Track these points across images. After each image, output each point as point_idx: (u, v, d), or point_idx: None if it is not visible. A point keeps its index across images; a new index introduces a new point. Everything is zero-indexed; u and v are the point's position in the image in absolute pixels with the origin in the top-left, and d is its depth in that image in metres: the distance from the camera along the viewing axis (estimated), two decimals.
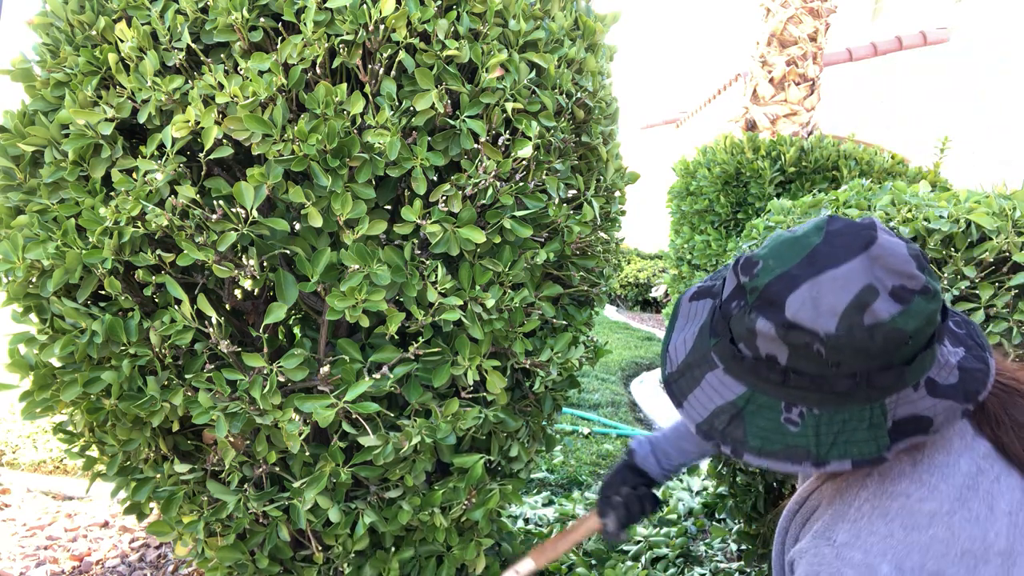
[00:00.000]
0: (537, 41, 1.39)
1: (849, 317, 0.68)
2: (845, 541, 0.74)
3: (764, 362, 0.74)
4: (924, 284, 0.70)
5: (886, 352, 0.69)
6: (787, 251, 0.73)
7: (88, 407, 1.29)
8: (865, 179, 2.02)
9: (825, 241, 0.72)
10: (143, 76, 1.23)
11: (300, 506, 1.31)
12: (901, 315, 0.68)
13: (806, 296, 0.70)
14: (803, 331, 0.69)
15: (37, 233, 1.22)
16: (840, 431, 0.72)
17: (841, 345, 0.68)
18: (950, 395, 0.73)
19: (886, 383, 0.71)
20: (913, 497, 0.74)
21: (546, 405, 1.59)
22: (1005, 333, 1.49)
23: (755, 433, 0.75)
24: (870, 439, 0.72)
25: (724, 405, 0.77)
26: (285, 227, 1.20)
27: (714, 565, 2.17)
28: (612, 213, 1.65)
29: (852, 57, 9.21)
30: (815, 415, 0.73)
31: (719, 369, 0.79)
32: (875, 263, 0.70)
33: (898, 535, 0.72)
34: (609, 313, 9.35)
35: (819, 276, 0.70)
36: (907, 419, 0.72)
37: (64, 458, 2.80)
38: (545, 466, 3.07)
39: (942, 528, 0.72)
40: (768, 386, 0.74)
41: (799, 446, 0.73)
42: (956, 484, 0.75)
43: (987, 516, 0.73)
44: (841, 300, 0.68)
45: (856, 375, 0.70)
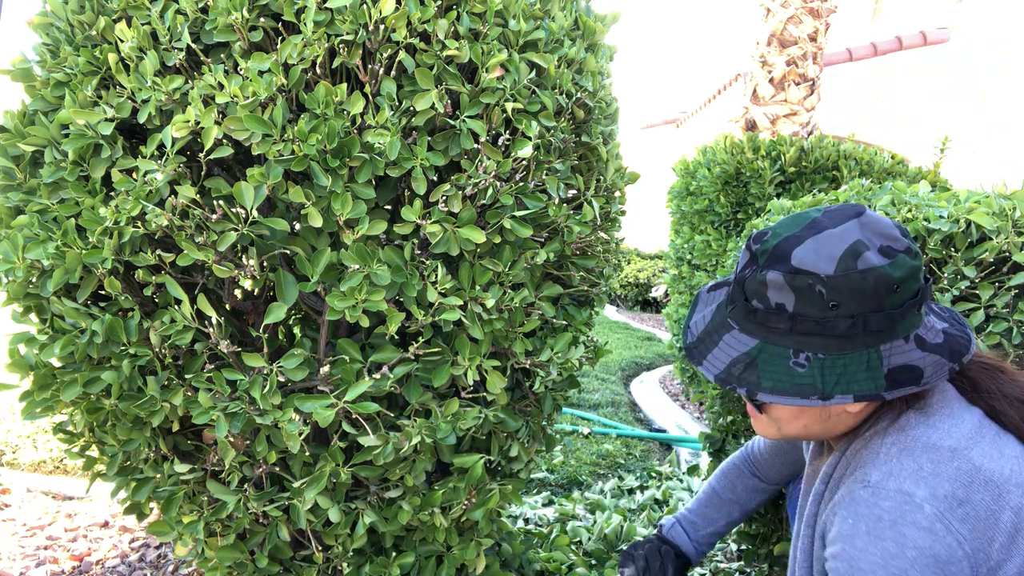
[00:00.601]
0: (537, 41, 1.39)
1: (845, 261, 0.81)
2: (878, 479, 0.82)
3: (774, 312, 0.85)
4: (907, 246, 0.83)
5: (877, 294, 0.81)
6: (792, 221, 0.88)
7: (88, 407, 1.29)
8: (865, 179, 2.02)
9: (824, 214, 0.87)
10: (143, 76, 1.23)
11: (300, 506, 1.31)
12: (889, 265, 0.81)
13: (809, 247, 0.83)
14: (806, 274, 0.82)
15: (37, 233, 1.22)
16: (842, 373, 0.83)
17: (839, 285, 0.81)
18: (937, 351, 0.84)
19: (879, 327, 0.82)
20: (933, 437, 0.84)
21: (546, 405, 1.59)
22: (1005, 333, 1.49)
23: (767, 375, 0.85)
24: (868, 379, 0.82)
25: (739, 356, 0.88)
26: (285, 227, 1.20)
27: (714, 565, 2.17)
28: (612, 213, 1.65)
29: (852, 57, 9.21)
30: (820, 359, 0.84)
31: (735, 330, 0.90)
32: (865, 227, 0.84)
33: (927, 468, 0.81)
34: (609, 313, 9.35)
35: (819, 234, 0.84)
36: (901, 368, 0.83)
37: (64, 458, 2.80)
38: (545, 466, 3.07)
39: (964, 461, 0.81)
40: (777, 336, 0.86)
41: (807, 384, 0.84)
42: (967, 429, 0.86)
43: (998, 456, 0.83)
44: (838, 249, 0.82)
45: (853, 316, 0.81)
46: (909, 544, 0.76)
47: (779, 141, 3.87)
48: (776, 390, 0.85)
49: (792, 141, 3.85)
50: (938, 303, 0.96)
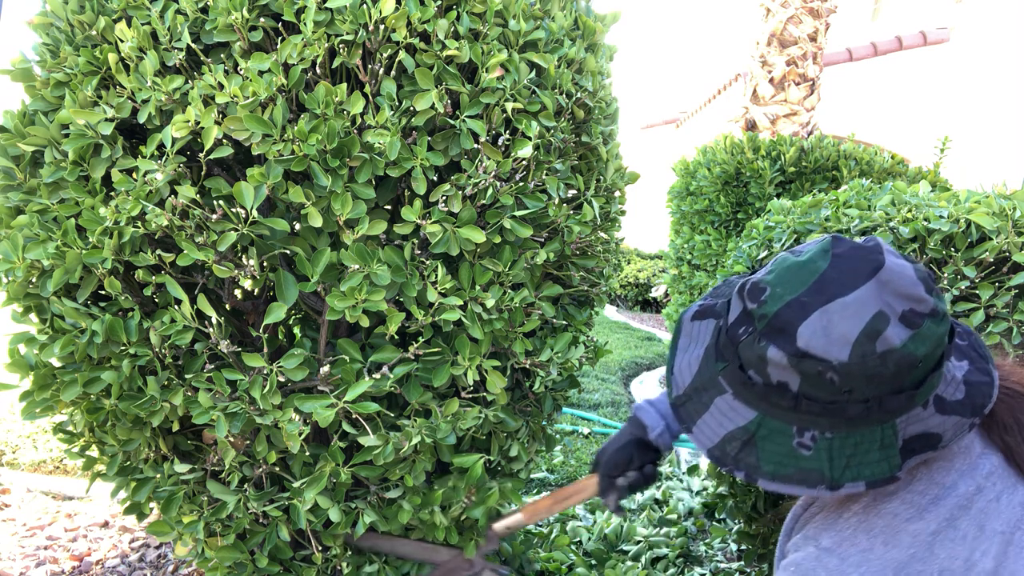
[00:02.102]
0: (537, 41, 1.39)
1: (861, 345, 0.68)
2: (828, 547, 0.76)
3: (775, 388, 0.73)
4: (933, 307, 0.70)
5: (898, 377, 0.69)
6: (794, 277, 0.73)
7: (88, 407, 1.29)
8: (865, 179, 2.02)
9: (832, 266, 0.72)
10: (143, 76, 1.23)
11: (300, 506, 1.31)
12: (912, 340, 0.68)
13: (817, 325, 0.69)
14: (816, 360, 0.69)
15: (37, 233, 1.22)
16: (853, 454, 0.72)
17: (854, 373, 0.68)
18: (958, 411, 0.74)
19: (897, 406, 0.71)
20: (900, 517, 0.75)
21: (546, 405, 1.59)
22: (1005, 333, 1.49)
23: (768, 458, 0.75)
24: (882, 459, 0.72)
25: (735, 431, 0.77)
26: (285, 227, 1.20)
27: (714, 565, 2.17)
28: (612, 213, 1.65)
29: (852, 57, 9.21)
30: (827, 439, 0.73)
31: (728, 394, 0.78)
32: (884, 288, 0.69)
33: (878, 551, 0.73)
34: (609, 313, 9.35)
35: (829, 304, 0.69)
36: (917, 436, 0.73)
37: (64, 458, 2.80)
38: (545, 466, 3.07)
39: (922, 548, 0.73)
40: (779, 411, 0.74)
41: (813, 470, 0.73)
42: (948, 505, 0.75)
43: (975, 536, 0.73)
44: (853, 328, 0.68)
45: (868, 400, 0.70)
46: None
47: (779, 141, 3.87)
48: (779, 476, 0.75)
49: (792, 141, 3.85)
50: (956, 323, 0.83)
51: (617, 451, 1.23)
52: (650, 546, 2.22)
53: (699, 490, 2.78)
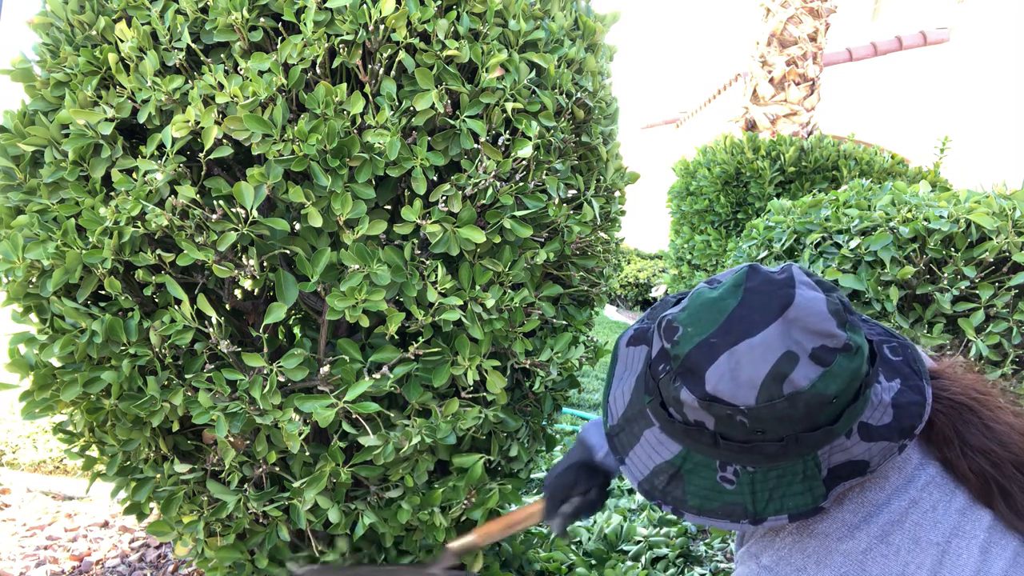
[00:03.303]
0: (537, 41, 1.39)
1: (768, 388, 0.67)
2: (767, 564, 0.76)
3: (694, 427, 0.73)
4: (845, 342, 0.68)
5: (810, 416, 0.68)
6: (705, 315, 0.72)
7: (88, 407, 1.29)
8: (865, 179, 2.02)
9: (742, 303, 0.71)
10: (143, 76, 1.23)
11: (300, 506, 1.31)
12: (822, 379, 0.67)
13: (724, 368, 0.68)
14: (724, 404, 0.68)
15: (37, 233, 1.22)
16: (775, 486, 0.72)
17: (763, 416, 0.68)
18: (885, 435, 0.73)
19: (815, 441, 0.70)
20: (831, 537, 0.75)
21: (546, 405, 1.59)
22: (1005, 333, 1.49)
23: (694, 492, 0.75)
24: (805, 491, 0.72)
25: (663, 464, 0.77)
26: (285, 227, 1.20)
27: (714, 565, 2.17)
28: (612, 213, 1.65)
29: (852, 57, 9.21)
30: (749, 472, 0.73)
31: (655, 427, 0.78)
32: (792, 326, 0.68)
33: (811, 570, 0.73)
34: (609, 313, 9.35)
35: (736, 346, 0.69)
36: (843, 465, 0.72)
37: (64, 458, 2.80)
38: (545, 466, 3.07)
39: (854, 567, 0.72)
40: (702, 447, 0.74)
41: (736, 504, 0.73)
42: (880, 522, 0.75)
43: (910, 549, 0.73)
44: (759, 371, 0.67)
45: (783, 439, 0.70)
46: None
47: (779, 141, 3.87)
48: (704, 511, 0.75)
49: (792, 141, 3.85)
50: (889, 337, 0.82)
51: (561, 474, 1.16)
52: (650, 546, 2.22)
53: None
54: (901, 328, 1.53)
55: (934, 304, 1.51)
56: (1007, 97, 8.72)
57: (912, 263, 1.52)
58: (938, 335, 1.48)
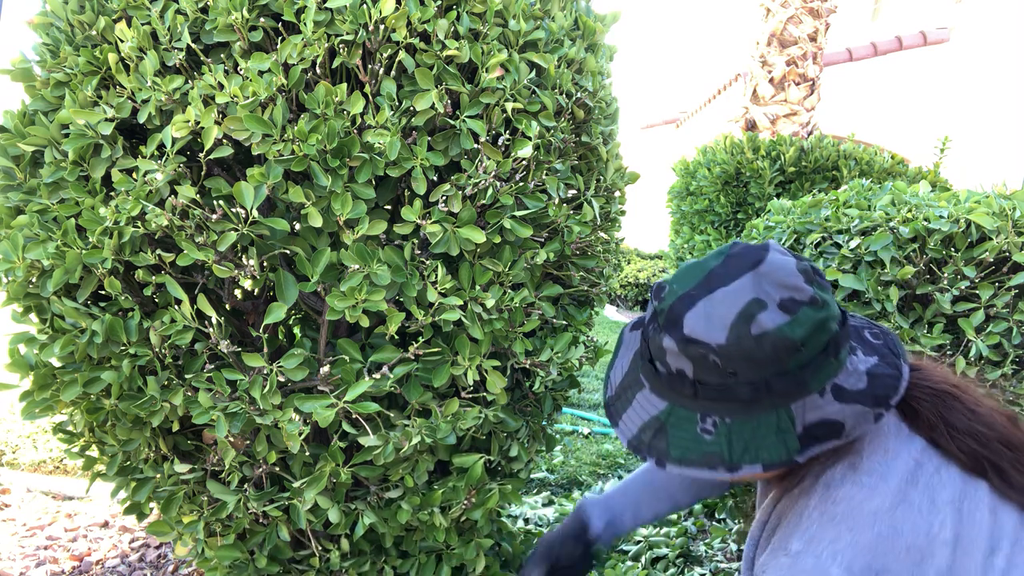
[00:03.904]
0: (537, 41, 1.39)
1: (737, 328, 0.74)
2: (799, 550, 0.77)
3: (676, 377, 0.79)
4: (811, 296, 0.75)
5: (777, 359, 0.74)
6: (688, 275, 0.80)
7: (88, 407, 1.29)
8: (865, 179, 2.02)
9: (722, 264, 0.79)
10: (143, 76, 1.23)
11: (300, 506, 1.31)
12: (788, 324, 0.73)
13: (701, 312, 0.76)
14: (698, 344, 0.75)
15: (37, 233, 1.22)
16: (751, 438, 0.77)
17: (732, 354, 0.74)
18: (858, 399, 0.77)
19: (786, 389, 0.75)
20: (856, 499, 0.77)
21: (546, 405, 1.59)
22: (1005, 333, 1.49)
23: (676, 444, 0.80)
24: (779, 443, 0.76)
25: (649, 420, 0.82)
26: (285, 227, 1.20)
27: (714, 565, 2.17)
28: (612, 213, 1.65)
29: (852, 57, 9.21)
30: (727, 424, 0.78)
31: (646, 388, 0.84)
32: (763, 279, 0.76)
33: (845, 538, 0.75)
34: (609, 313, 9.35)
35: (712, 294, 0.76)
36: (817, 424, 0.76)
37: (64, 458, 2.80)
38: (545, 466, 3.07)
39: (885, 526, 0.75)
40: (684, 399, 0.80)
41: (714, 453, 0.78)
42: (895, 481, 0.78)
43: (930, 508, 0.76)
44: (730, 313, 0.75)
45: (755, 383, 0.75)
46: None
47: (779, 141, 3.87)
48: (684, 460, 0.79)
49: (792, 141, 3.85)
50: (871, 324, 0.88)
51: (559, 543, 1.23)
52: (650, 546, 2.22)
53: None
54: (901, 328, 1.53)
55: (934, 304, 1.51)
56: (1007, 97, 8.72)
57: (912, 263, 1.52)
58: (938, 335, 1.48)
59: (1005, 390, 1.49)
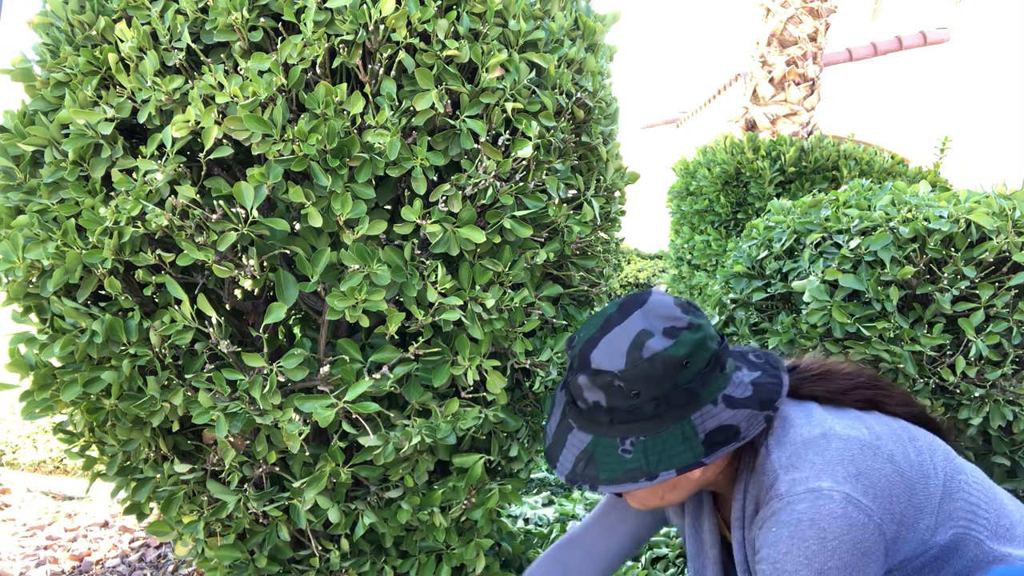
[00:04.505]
0: (537, 41, 1.39)
1: (631, 354, 0.89)
2: (787, 488, 0.89)
3: (594, 409, 0.93)
4: (688, 322, 0.92)
5: (669, 375, 0.89)
6: (591, 324, 0.96)
7: (88, 407, 1.29)
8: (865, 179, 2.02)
9: (617, 309, 0.96)
10: (143, 76, 1.23)
11: (300, 506, 1.31)
12: (672, 345, 0.89)
13: (602, 348, 0.91)
14: (604, 374, 0.90)
15: (37, 233, 1.22)
16: (663, 450, 0.89)
17: (631, 376, 0.89)
18: (747, 405, 0.92)
19: (683, 401, 0.90)
20: (803, 435, 0.93)
21: (546, 405, 1.58)
22: (1005, 333, 1.49)
23: (603, 468, 0.92)
24: (686, 449, 0.89)
25: (580, 453, 0.94)
26: (285, 227, 1.20)
27: None
28: (612, 213, 1.65)
29: (852, 57, 9.21)
30: (642, 441, 0.90)
31: (575, 429, 0.97)
32: (648, 314, 0.93)
33: (818, 461, 0.89)
34: None
35: (610, 333, 0.92)
36: (716, 430, 0.90)
37: (64, 458, 2.80)
38: (545, 466, 3.07)
39: (837, 440, 0.91)
40: (603, 428, 0.93)
41: (635, 468, 0.90)
42: (818, 414, 0.96)
43: (853, 421, 0.95)
44: (624, 343, 0.90)
45: (657, 399, 0.89)
46: (829, 536, 0.84)
47: (779, 141, 3.87)
48: (611, 480, 0.90)
49: (792, 141, 3.85)
50: (755, 351, 1.04)
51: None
52: (650, 546, 2.22)
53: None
54: (901, 328, 1.53)
55: (934, 304, 1.51)
56: (1007, 97, 8.72)
57: (912, 263, 1.52)
58: (938, 335, 1.48)
59: (1005, 390, 1.49)
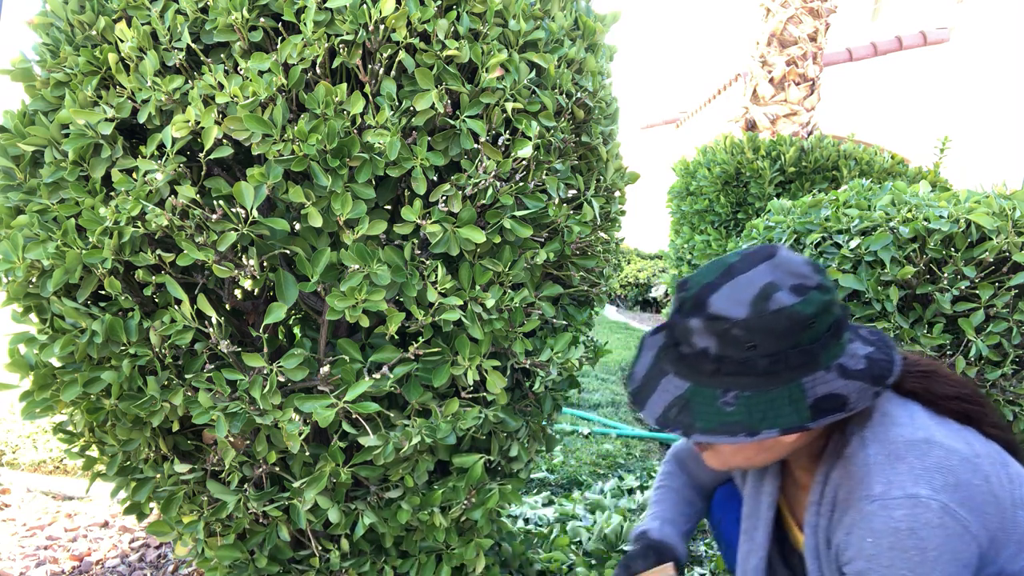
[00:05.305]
0: (537, 41, 1.39)
1: (757, 304, 0.87)
2: (882, 491, 0.86)
3: (700, 355, 0.91)
4: (818, 282, 0.89)
5: (792, 332, 0.86)
6: (710, 269, 0.94)
7: (88, 407, 1.29)
8: (865, 179, 2.02)
9: (740, 259, 0.93)
10: (143, 76, 1.23)
11: (300, 506, 1.31)
12: (801, 303, 0.86)
13: (724, 295, 0.89)
14: (723, 320, 0.88)
15: (37, 233, 1.22)
16: (767, 408, 0.87)
17: (753, 327, 0.86)
18: (859, 377, 0.89)
19: (800, 362, 0.87)
20: (907, 436, 0.90)
21: (546, 405, 1.59)
22: (1005, 333, 1.49)
23: (700, 417, 0.90)
24: (792, 412, 0.87)
25: (674, 400, 0.93)
26: (285, 227, 1.20)
27: (714, 565, 2.17)
28: (612, 213, 1.65)
29: (852, 57, 9.21)
30: (746, 396, 0.88)
31: (670, 374, 0.96)
32: (776, 268, 0.90)
33: (917, 465, 0.86)
34: (609, 313, 9.35)
35: (733, 280, 0.90)
36: (825, 397, 0.87)
37: (64, 458, 2.80)
38: (545, 466, 3.07)
39: (938, 447, 0.88)
40: (706, 378, 0.91)
41: (735, 422, 0.88)
42: (924, 420, 0.93)
43: (956, 434, 0.92)
44: (749, 293, 0.88)
45: (773, 355, 0.87)
46: (929, 546, 0.81)
47: (779, 141, 3.87)
48: (707, 430, 0.89)
49: (792, 141, 3.85)
50: (867, 328, 1.01)
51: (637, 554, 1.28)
52: None
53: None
54: (901, 328, 1.53)
55: (934, 304, 1.51)
56: (1007, 97, 8.72)
57: (912, 263, 1.52)
58: (938, 335, 1.48)
59: (1005, 390, 1.49)
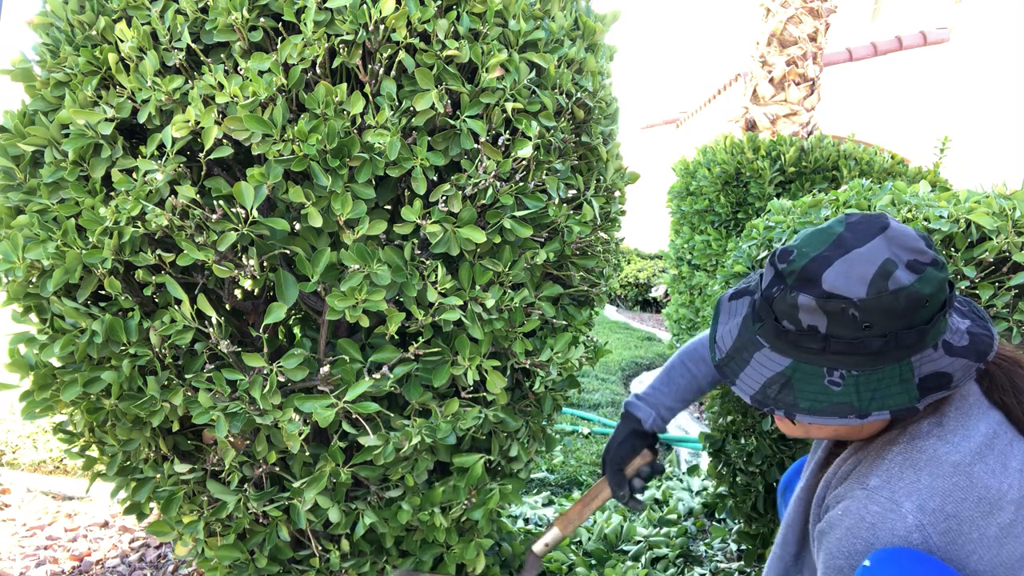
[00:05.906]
0: (537, 41, 1.39)
1: (876, 284, 0.82)
2: (876, 485, 0.86)
3: (806, 333, 0.86)
4: (933, 258, 0.84)
5: (909, 312, 0.82)
6: (816, 239, 0.88)
7: (88, 407, 1.29)
8: (865, 179, 2.02)
9: (848, 229, 0.87)
10: (143, 76, 1.23)
11: (300, 506, 1.31)
12: (918, 281, 0.82)
13: (839, 270, 0.84)
14: (839, 299, 0.83)
15: (37, 233, 1.22)
16: (876, 388, 0.84)
17: (871, 307, 0.82)
18: (964, 354, 0.86)
19: (911, 342, 0.83)
20: (940, 451, 0.86)
21: (546, 405, 1.59)
22: (1005, 333, 1.49)
23: (804, 396, 0.87)
24: (902, 392, 0.84)
25: (774, 376, 0.89)
26: (285, 227, 1.20)
27: (714, 565, 2.17)
28: (612, 213, 1.65)
29: (852, 57, 9.21)
30: (854, 376, 0.85)
31: (765, 348, 0.91)
32: (892, 242, 0.84)
33: (924, 481, 0.84)
34: (609, 313, 9.35)
35: (847, 255, 0.84)
36: (931, 376, 0.84)
37: (64, 458, 2.80)
38: (545, 466, 3.07)
39: (963, 477, 0.84)
40: (810, 355, 0.87)
41: (843, 403, 0.85)
42: (976, 442, 0.87)
43: (1001, 471, 0.85)
44: (868, 270, 0.83)
45: (886, 335, 0.83)
46: (877, 546, 0.81)
47: (779, 141, 3.87)
48: (814, 410, 0.86)
49: (792, 141, 3.85)
50: (957, 296, 0.96)
51: (619, 447, 1.38)
52: (650, 546, 2.22)
53: (699, 490, 2.78)
54: None
55: None
56: (1007, 97, 8.72)
57: None
58: None
59: None
